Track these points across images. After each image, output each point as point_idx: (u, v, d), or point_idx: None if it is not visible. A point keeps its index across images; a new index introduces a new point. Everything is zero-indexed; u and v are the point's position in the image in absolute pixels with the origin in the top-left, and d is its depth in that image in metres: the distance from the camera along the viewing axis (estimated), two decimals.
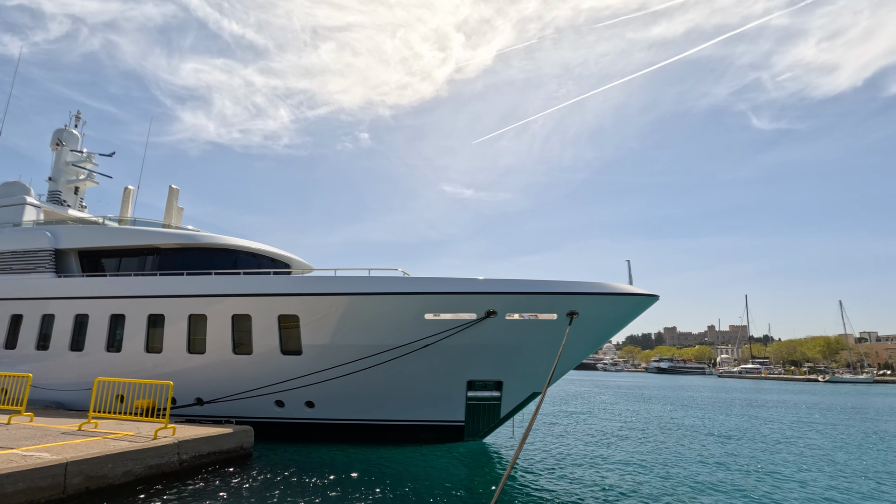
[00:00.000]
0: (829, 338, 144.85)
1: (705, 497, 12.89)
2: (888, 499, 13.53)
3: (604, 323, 16.96)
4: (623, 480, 14.28)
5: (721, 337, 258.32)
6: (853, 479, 15.97)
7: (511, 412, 18.62)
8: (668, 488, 13.69)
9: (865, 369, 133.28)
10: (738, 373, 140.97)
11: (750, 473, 16.09)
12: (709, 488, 13.85)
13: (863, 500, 13.27)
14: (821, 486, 14.68)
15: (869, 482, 15.54)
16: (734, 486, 14.15)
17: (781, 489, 14.11)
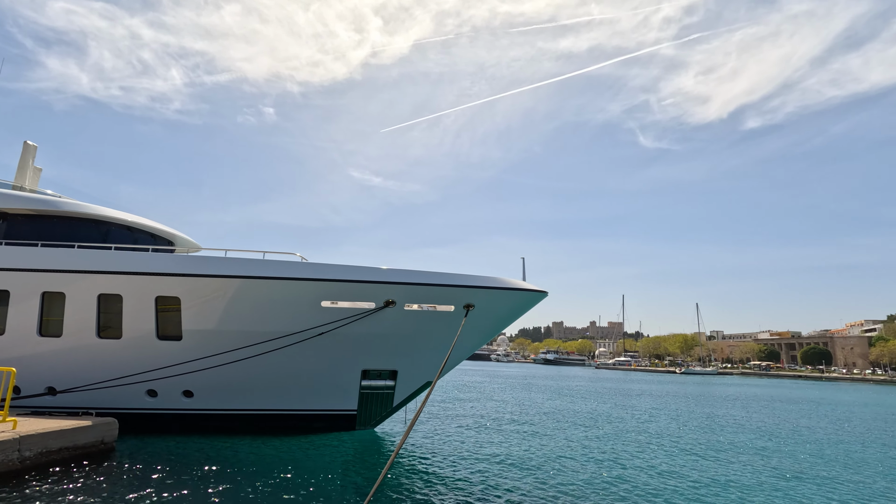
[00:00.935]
0: (687, 335, 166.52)
1: (567, 476, 14.21)
2: (711, 474, 15.97)
3: (497, 316, 17.80)
4: (499, 464, 15.22)
5: (601, 332, 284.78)
6: (689, 457, 18.60)
7: (404, 401, 18.87)
8: (537, 470, 14.85)
9: (712, 363, 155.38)
10: (613, 365, 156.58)
11: (605, 453, 18.03)
12: (570, 469, 15.28)
13: (698, 477, 15.53)
14: (665, 466, 16.88)
15: (699, 459, 18.19)
16: (593, 465, 15.77)
17: (626, 467, 16.00)
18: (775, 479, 15.34)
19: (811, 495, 13.68)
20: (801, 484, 14.94)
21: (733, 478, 15.28)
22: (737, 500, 12.80)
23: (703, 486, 14.00)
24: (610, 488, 13.25)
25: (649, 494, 12.88)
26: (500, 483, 13.10)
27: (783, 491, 13.96)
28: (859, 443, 24.01)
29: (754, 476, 15.63)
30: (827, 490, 14.39)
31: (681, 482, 14.35)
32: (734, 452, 19.87)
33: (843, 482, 15.50)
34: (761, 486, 14.33)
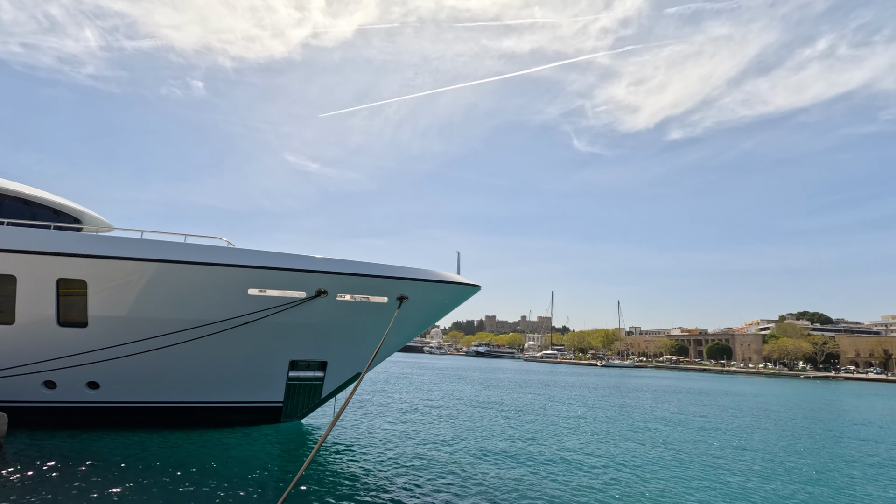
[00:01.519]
0: (608, 330, 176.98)
1: (488, 465, 14.72)
2: (617, 459, 17.20)
3: (431, 308, 17.94)
4: (423, 456, 15.47)
5: (531, 326, 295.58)
6: (603, 442, 19.91)
7: (333, 392, 18.57)
8: (460, 460, 15.24)
9: (630, 356, 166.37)
10: (540, 358, 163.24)
11: (525, 442, 18.87)
12: (492, 458, 15.84)
13: (605, 455, 16.67)
14: (577, 453, 17.94)
15: (607, 445, 19.52)
16: (513, 454, 16.46)
17: (542, 454, 16.87)
18: (674, 463, 16.78)
19: (702, 477, 15.11)
20: (692, 467, 16.47)
21: (636, 461, 16.55)
22: (635, 480, 13.88)
23: (609, 469, 15.04)
24: (527, 476, 13.87)
25: (562, 478, 13.64)
26: (423, 473, 13.29)
27: (676, 472, 15.32)
28: (745, 430, 26.81)
29: (653, 459, 17.03)
30: (713, 470, 15.98)
31: (590, 468, 15.32)
32: (639, 439, 21.50)
33: (727, 468, 17.28)
34: (658, 468, 15.64)
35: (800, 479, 15.82)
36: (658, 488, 13.40)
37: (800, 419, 32.62)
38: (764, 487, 14.37)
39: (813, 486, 15.03)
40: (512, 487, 12.53)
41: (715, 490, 13.84)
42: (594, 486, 13.27)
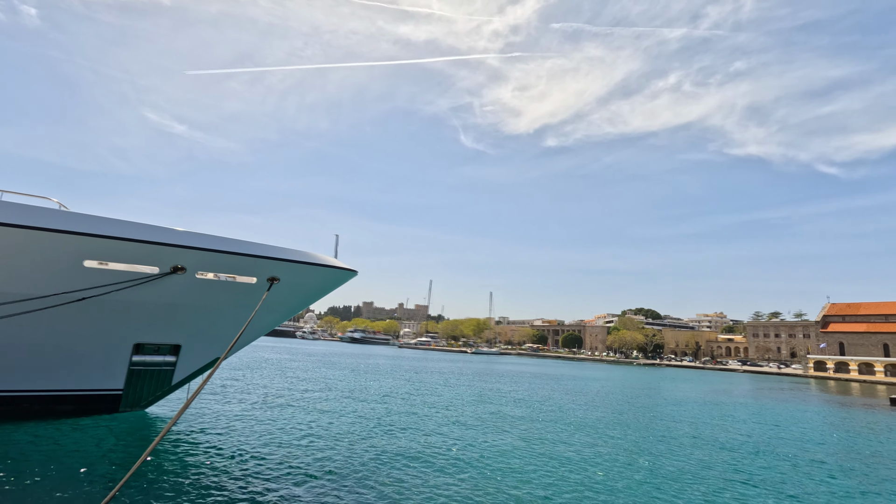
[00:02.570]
0: (479, 320, 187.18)
1: (343, 451, 14.87)
2: (470, 437, 18.53)
3: (304, 291, 17.32)
4: (277, 443, 15.08)
5: (408, 314, 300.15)
6: (464, 423, 21.22)
7: (186, 379, 17.03)
8: (312, 447, 15.15)
9: (497, 344, 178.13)
10: (414, 344, 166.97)
11: (383, 426, 19.38)
12: (348, 443, 16.01)
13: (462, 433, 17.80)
14: (436, 434, 18.91)
15: (463, 426, 20.90)
16: (371, 437, 16.81)
17: (401, 437, 17.52)
18: (521, 442, 18.54)
19: (538, 451, 16.93)
20: (534, 443, 18.37)
21: (483, 439, 17.98)
22: (490, 456, 15.09)
23: (462, 447, 16.12)
24: (381, 457, 14.25)
25: (416, 458, 14.28)
26: (271, 461, 12.95)
27: (518, 448, 16.98)
28: (582, 409, 30.56)
29: (500, 437, 18.65)
30: (550, 445, 18.01)
31: (445, 445, 16.26)
32: (491, 419, 23.35)
33: (562, 441, 19.61)
34: (504, 446, 17.21)
35: (622, 447, 18.55)
36: (502, 465, 14.70)
37: (627, 399, 38.07)
38: (590, 455, 16.60)
39: (631, 452, 17.75)
40: (361, 474, 12.76)
41: (547, 460, 15.64)
42: (436, 463, 14.11)
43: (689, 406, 35.69)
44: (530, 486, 13.02)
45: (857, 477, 16.65)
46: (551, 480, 13.86)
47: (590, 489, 13.28)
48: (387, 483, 11.93)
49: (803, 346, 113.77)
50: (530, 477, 13.90)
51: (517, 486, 12.88)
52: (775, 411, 35.05)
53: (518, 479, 13.62)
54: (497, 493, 12.29)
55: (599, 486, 13.64)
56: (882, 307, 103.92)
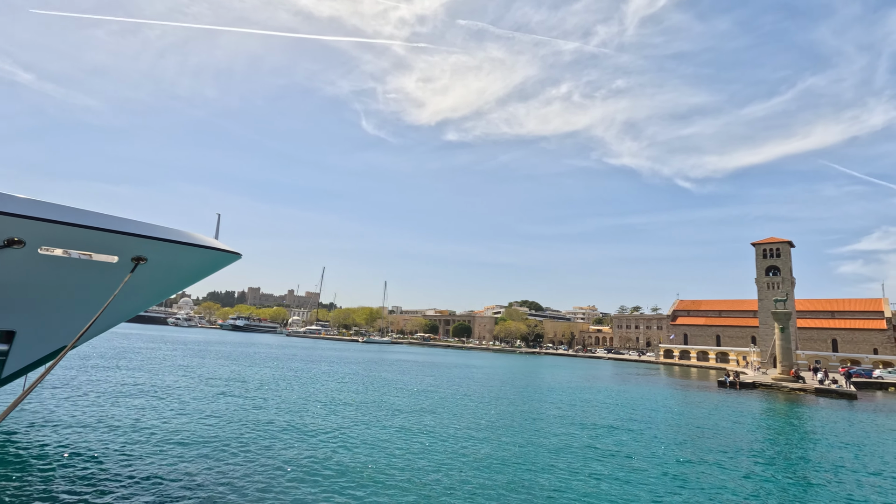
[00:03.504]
0: (372, 309, 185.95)
1: (195, 442, 14.11)
2: (345, 423, 18.61)
3: (177, 274, 15.80)
4: (121, 437, 13.81)
5: (298, 301, 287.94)
6: (343, 413, 21.13)
7: (23, 370, 14.68)
8: (162, 441, 14.16)
9: (389, 333, 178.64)
10: (303, 333, 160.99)
11: (248, 413, 18.70)
12: (202, 434, 15.22)
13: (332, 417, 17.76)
14: (313, 421, 18.66)
15: (351, 410, 20.90)
16: (225, 427, 16.12)
17: (271, 426, 17.08)
18: (400, 431, 18.98)
19: (415, 433, 17.52)
20: (410, 428, 18.96)
21: (367, 428, 18.16)
22: (367, 446, 15.28)
23: (337, 437, 16.11)
24: (246, 454, 13.73)
25: (290, 448, 13.98)
26: (111, 462, 11.85)
27: (394, 433, 17.42)
28: (462, 395, 32.11)
29: (381, 425, 18.97)
30: (438, 429, 18.73)
31: (318, 435, 16.12)
32: (375, 408, 23.59)
33: (440, 424, 20.47)
34: (384, 433, 17.54)
35: (495, 429, 19.83)
36: (380, 455, 14.96)
37: (505, 384, 40.70)
38: (464, 438, 17.54)
39: (506, 432, 19.07)
40: (216, 472, 12.20)
41: (426, 446, 16.25)
42: (308, 451, 13.98)
43: (560, 390, 39.17)
44: (408, 473, 13.41)
45: (688, 447, 19.68)
46: (429, 466, 14.39)
47: (463, 471, 14.05)
48: (247, 481, 11.49)
49: (657, 336, 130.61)
50: (407, 465, 14.30)
51: (391, 476, 13.18)
52: (630, 393, 39.90)
53: (394, 467, 13.94)
54: (371, 484, 12.47)
55: (471, 468, 14.49)
56: (716, 304, 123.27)
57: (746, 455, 18.77)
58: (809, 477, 16.26)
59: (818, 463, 18.36)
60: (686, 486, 14.08)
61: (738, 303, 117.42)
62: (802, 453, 20.14)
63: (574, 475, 14.44)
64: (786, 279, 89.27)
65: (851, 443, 22.72)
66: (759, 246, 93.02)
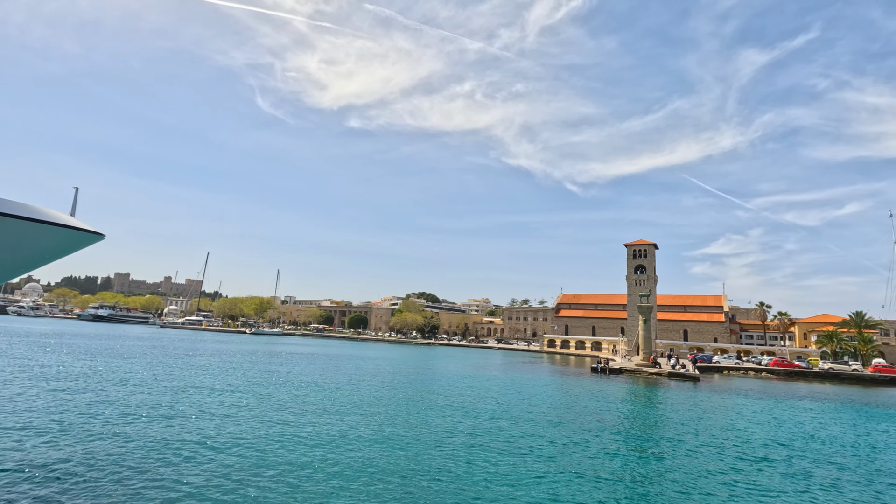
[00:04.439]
0: (263, 298, 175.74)
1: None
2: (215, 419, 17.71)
3: (19, 255, 13.56)
4: None
5: (177, 289, 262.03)
6: (217, 411, 19.91)
7: None
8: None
9: (281, 324, 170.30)
10: (182, 324, 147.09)
11: (91, 411, 17.05)
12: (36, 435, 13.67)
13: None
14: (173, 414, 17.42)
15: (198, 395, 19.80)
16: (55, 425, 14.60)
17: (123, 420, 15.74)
18: (280, 425, 18.39)
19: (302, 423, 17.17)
20: (297, 420, 18.52)
21: (244, 424, 17.35)
22: (241, 444, 14.61)
23: (210, 436, 15.22)
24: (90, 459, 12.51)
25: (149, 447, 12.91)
26: None
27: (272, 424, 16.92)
28: (352, 386, 31.92)
29: (261, 421, 18.27)
30: (322, 421, 18.43)
31: (185, 435, 15.10)
32: (256, 402, 22.58)
33: (325, 413, 20.25)
34: (263, 429, 16.91)
35: (382, 418, 20.01)
36: (257, 453, 14.40)
37: (398, 375, 41.10)
38: (352, 425, 17.51)
39: (392, 422, 19.31)
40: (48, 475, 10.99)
41: (310, 440, 15.96)
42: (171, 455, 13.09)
43: (450, 379, 40.49)
44: (281, 470, 13.04)
45: (560, 428, 21.55)
46: (307, 460, 14.12)
47: (342, 464, 14.00)
48: (97, 484, 10.41)
49: (542, 327, 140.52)
50: (282, 461, 13.90)
51: (260, 475, 12.75)
52: (515, 380, 42.53)
53: (267, 464, 13.47)
54: (248, 483, 11.96)
55: (352, 460, 14.50)
56: (594, 298, 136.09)
57: (609, 433, 21.07)
58: (659, 449, 18.75)
59: (667, 436, 21.24)
60: (553, 464, 15.45)
61: (611, 297, 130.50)
62: (655, 428, 23.12)
63: (452, 461, 15.10)
64: (650, 277, 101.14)
65: (694, 417, 26.58)
66: (630, 247, 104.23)
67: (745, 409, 31.26)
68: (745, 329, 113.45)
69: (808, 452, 19.28)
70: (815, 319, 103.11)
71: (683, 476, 14.98)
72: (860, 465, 17.77)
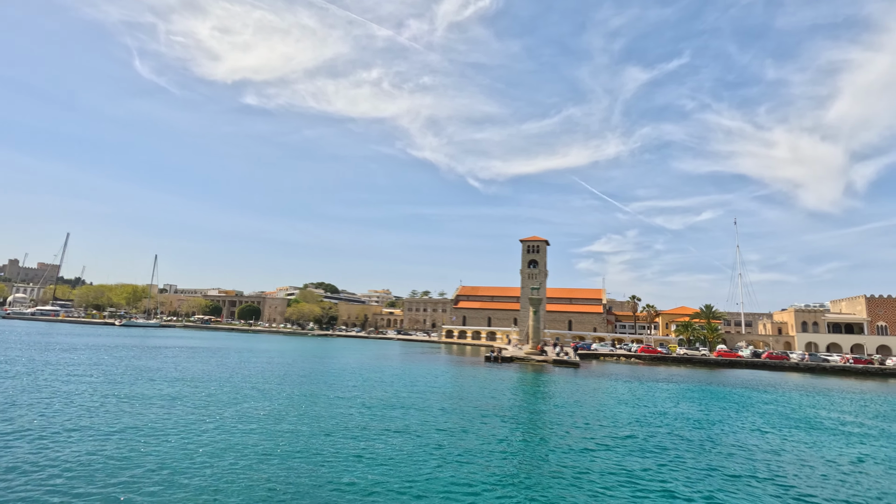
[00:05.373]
0: (136, 286, 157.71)
1: None
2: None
3: None
4: None
5: (25, 274, 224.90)
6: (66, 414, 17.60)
7: None
8: None
9: (158, 315, 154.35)
10: (31, 315, 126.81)
11: None
12: None
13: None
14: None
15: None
16: None
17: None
18: (144, 425, 16.76)
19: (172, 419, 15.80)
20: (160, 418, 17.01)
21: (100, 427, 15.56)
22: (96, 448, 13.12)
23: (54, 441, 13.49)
24: None
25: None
26: None
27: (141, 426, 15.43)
28: (237, 380, 30.09)
29: (117, 422, 16.53)
30: (195, 420, 17.07)
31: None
32: (115, 403, 20.35)
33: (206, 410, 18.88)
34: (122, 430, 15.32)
35: (270, 413, 19.04)
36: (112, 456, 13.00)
37: (293, 367, 39.42)
38: (234, 422, 16.45)
39: (278, 418, 18.44)
40: None
41: (178, 439, 14.71)
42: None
43: (347, 371, 39.74)
44: (141, 476, 11.86)
45: (451, 415, 22.16)
46: (181, 466, 12.98)
47: (221, 466, 13.09)
48: None
49: (442, 318, 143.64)
50: (151, 461, 12.65)
51: (121, 474, 11.51)
52: (412, 370, 42.94)
53: (136, 465, 12.18)
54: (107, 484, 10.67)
55: (232, 460, 13.60)
56: (490, 290, 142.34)
57: (496, 418, 22.12)
58: (541, 431, 20.08)
59: (548, 419, 22.84)
60: (439, 451, 15.84)
61: (506, 290, 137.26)
62: (537, 412, 24.74)
63: (339, 453, 14.82)
64: (542, 271, 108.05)
65: (572, 401, 28.91)
66: (525, 242, 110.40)
67: (615, 392, 34.76)
68: (620, 319, 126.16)
69: (662, 428, 21.94)
70: (675, 311, 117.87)
71: (561, 456, 16.22)
72: (702, 437, 20.62)
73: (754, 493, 13.27)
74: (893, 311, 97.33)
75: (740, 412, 27.91)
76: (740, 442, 19.80)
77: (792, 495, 13.22)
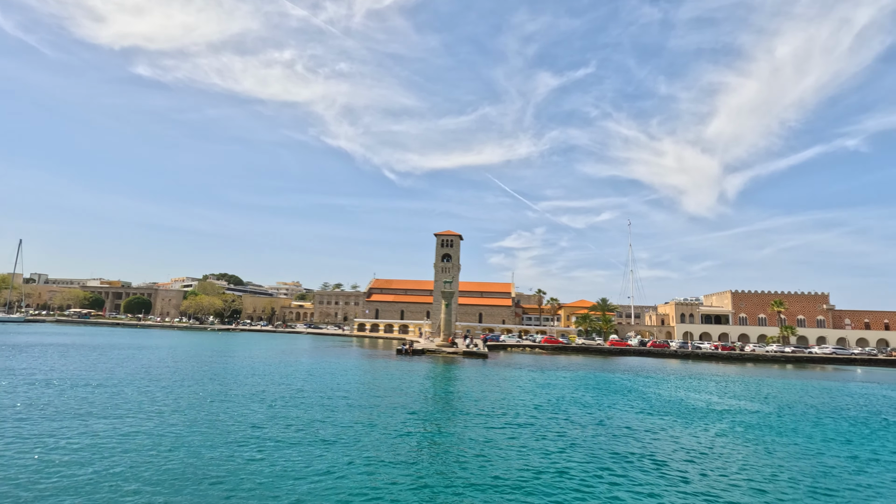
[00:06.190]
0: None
1: None
2: None
3: None
4: None
5: None
6: None
7: None
8: None
9: (23, 309, 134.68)
10: None
11: None
12: None
13: None
14: None
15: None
16: None
17: None
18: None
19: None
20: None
21: None
22: None
23: None
24: None
25: None
26: None
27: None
28: (116, 382, 27.37)
29: None
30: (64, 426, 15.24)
31: None
32: None
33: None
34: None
35: (154, 415, 17.48)
36: None
37: (187, 365, 36.47)
38: (114, 427, 14.92)
39: (166, 419, 16.98)
40: None
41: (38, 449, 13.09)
42: None
43: (249, 367, 37.59)
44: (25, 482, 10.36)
45: (357, 410, 21.84)
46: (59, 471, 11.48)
47: (104, 473, 11.82)
48: None
49: (354, 311, 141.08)
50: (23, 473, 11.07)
51: None
52: (321, 365, 41.70)
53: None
54: None
55: (112, 467, 12.34)
56: (404, 283, 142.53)
57: (404, 411, 22.21)
58: (448, 422, 20.50)
59: (456, 409, 23.37)
60: (344, 449, 15.59)
61: (420, 283, 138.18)
62: (446, 403, 25.23)
63: (237, 455, 14.02)
64: (455, 265, 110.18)
65: (479, 390, 29.87)
66: (439, 237, 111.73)
67: (519, 380, 36.52)
68: (527, 312, 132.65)
69: (559, 414, 23.45)
70: (576, 304, 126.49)
71: (463, 445, 16.66)
72: (593, 421, 22.36)
73: (634, 467, 14.68)
74: (752, 304, 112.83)
75: (627, 396, 30.68)
76: (626, 424, 21.77)
77: (664, 470, 14.81)
